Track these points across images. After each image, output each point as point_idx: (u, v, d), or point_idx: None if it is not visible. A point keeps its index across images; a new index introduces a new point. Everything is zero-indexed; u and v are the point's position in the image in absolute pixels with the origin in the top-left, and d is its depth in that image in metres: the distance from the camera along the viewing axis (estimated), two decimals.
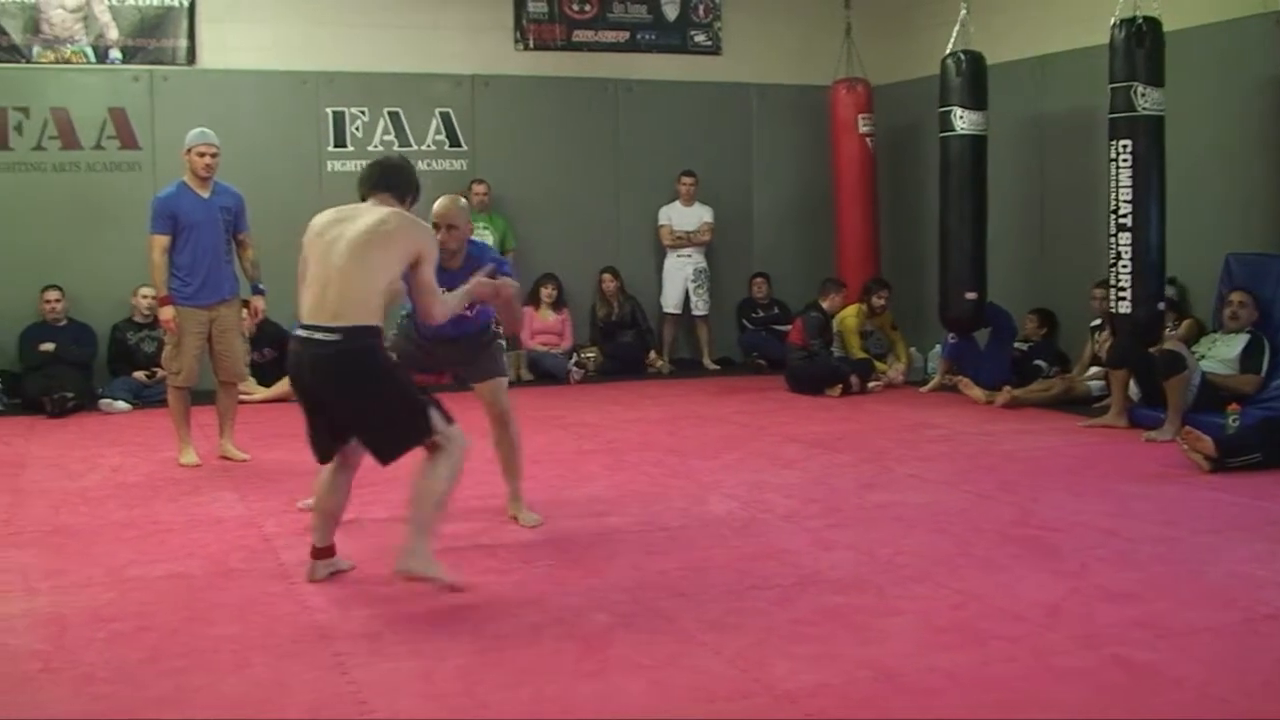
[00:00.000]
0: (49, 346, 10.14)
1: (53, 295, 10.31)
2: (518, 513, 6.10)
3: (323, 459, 5.08)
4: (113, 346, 10.55)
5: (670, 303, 12.26)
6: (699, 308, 12.24)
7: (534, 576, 5.20)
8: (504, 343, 6.24)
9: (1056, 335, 10.42)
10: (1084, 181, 10.18)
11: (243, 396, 8.83)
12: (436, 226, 5.65)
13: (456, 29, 11.81)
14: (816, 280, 11.48)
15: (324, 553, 5.18)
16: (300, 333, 4.83)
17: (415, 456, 4.96)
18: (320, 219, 4.98)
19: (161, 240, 7.52)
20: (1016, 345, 10.34)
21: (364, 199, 5.06)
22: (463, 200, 5.89)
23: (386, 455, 4.93)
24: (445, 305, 5.07)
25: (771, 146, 12.82)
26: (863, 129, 12.00)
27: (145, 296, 10.25)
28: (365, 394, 4.80)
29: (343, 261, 4.76)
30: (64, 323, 10.36)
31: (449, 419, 4.90)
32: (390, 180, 5.09)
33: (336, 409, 4.87)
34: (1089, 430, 8.61)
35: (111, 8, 10.83)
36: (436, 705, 3.80)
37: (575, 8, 12.15)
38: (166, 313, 7.58)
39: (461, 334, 5.96)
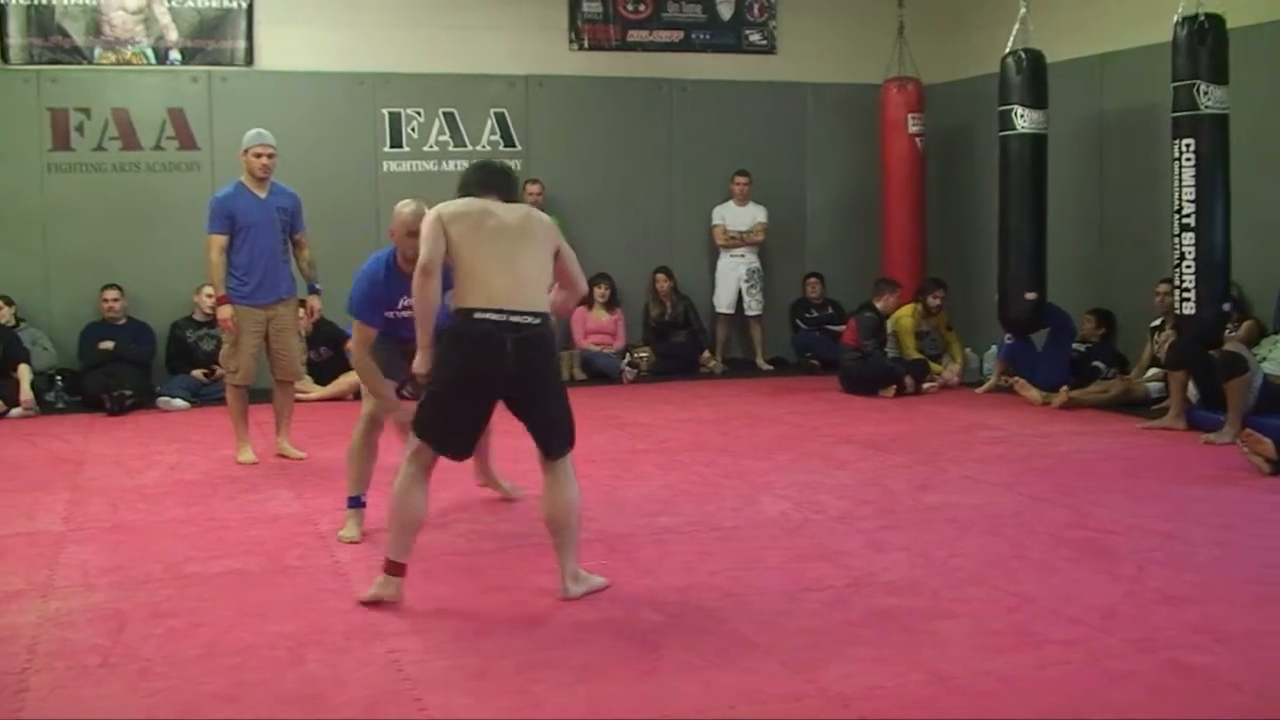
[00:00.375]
0: (108, 345, 10.26)
1: (111, 294, 10.43)
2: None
3: (466, 454, 5.00)
4: (172, 344, 10.66)
5: (723, 303, 12.23)
6: (752, 308, 12.21)
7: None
8: None
9: (1115, 336, 10.32)
10: (1145, 181, 10.09)
11: (299, 395, 8.90)
12: (401, 235, 5.66)
13: (511, 29, 11.85)
14: (870, 280, 11.42)
15: (404, 569, 4.87)
16: (492, 316, 4.75)
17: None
18: (466, 209, 4.91)
19: (219, 240, 7.59)
20: (1074, 346, 10.24)
21: (475, 194, 5.02)
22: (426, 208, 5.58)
23: (562, 446, 4.96)
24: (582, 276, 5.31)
25: (826, 146, 12.77)
26: (912, 129, 11.92)
27: (209, 295, 10.32)
28: (557, 379, 5.05)
29: (518, 252, 4.87)
30: (123, 321, 10.48)
31: None
32: (499, 182, 5.11)
33: (536, 394, 4.89)
34: (1147, 432, 8.52)
35: (171, 9, 10.94)
36: (491, 703, 3.82)
37: (630, 8, 12.16)
38: (224, 312, 7.65)
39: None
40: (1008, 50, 10.16)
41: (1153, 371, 9.52)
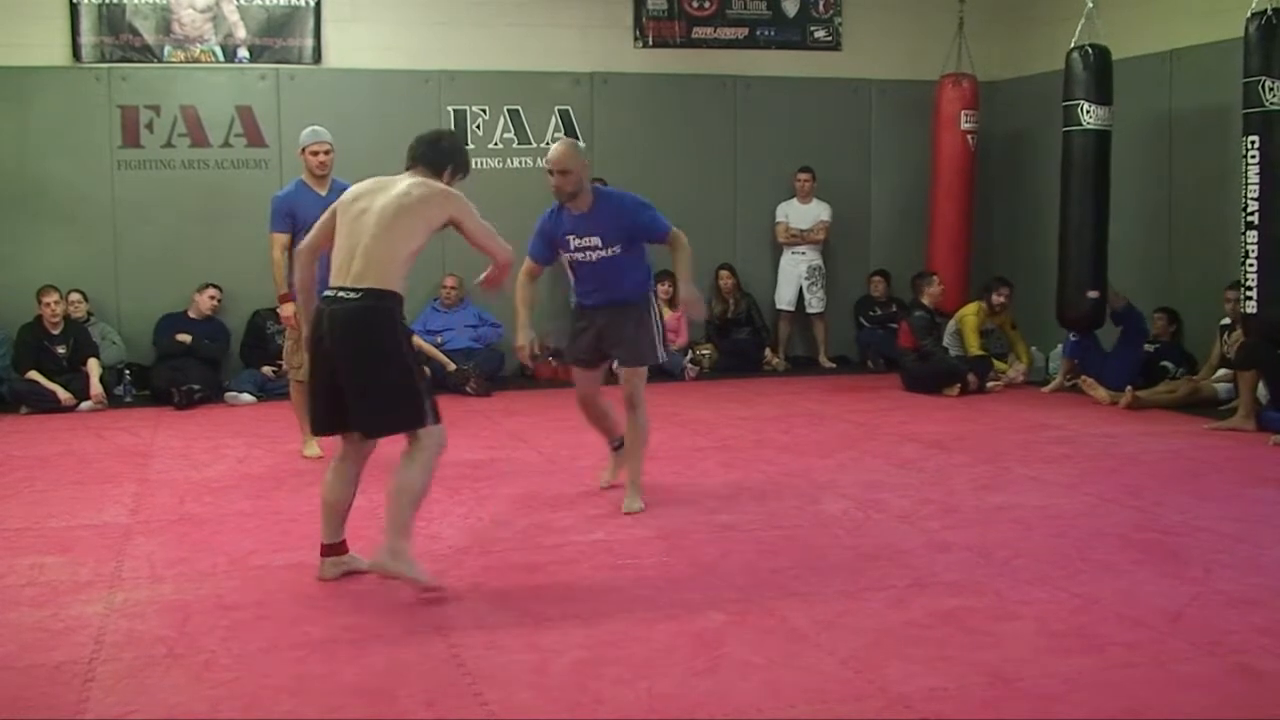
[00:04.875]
0: (185, 338, 10.39)
1: (211, 293, 10.61)
2: (627, 500, 6.28)
3: (319, 430, 5.23)
4: (250, 333, 10.78)
5: (784, 300, 12.20)
6: (813, 305, 12.17)
7: (648, 573, 5.21)
8: (661, 326, 6.51)
9: (1183, 336, 10.20)
10: (1215, 179, 9.97)
11: None
12: (550, 173, 6.15)
13: (576, 27, 11.87)
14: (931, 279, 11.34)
15: (332, 550, 5.15)
16: (326, 294, 4.93)
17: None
18: (354, 188, 5.14)
19: (281, 239, 7.64)
20: (1143, 347, 10.13)
21: (407, 169, 5.20)
22: (580, 144, 6.12)
23: (374, 429, 4.97)
24: (504, 243, 5.12)
25: (890, 143, 12.68)
26: (965, 125, 11.81)
27: None
28: (374, 357, 4.86)
29: (371, 231, 4.90)
30: (203, 318, 10.65)
31: (438, 416, 4.96)
32: (426, 154, 5.21)
33: (346, 369, 4.86)
34: (1215, 433, 8.42)
35: (240, 8, 11.04)
36: (551, 699, 3.83)
37: (695, 4, 12.14)
38: (287, 309, 7.70)
39: (616, 301, 6.30)
40: (1073, 45, 10.08)
41: (1222, 372, 9.40)
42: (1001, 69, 12.25)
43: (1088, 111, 9.96)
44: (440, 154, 5.22)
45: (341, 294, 4.85)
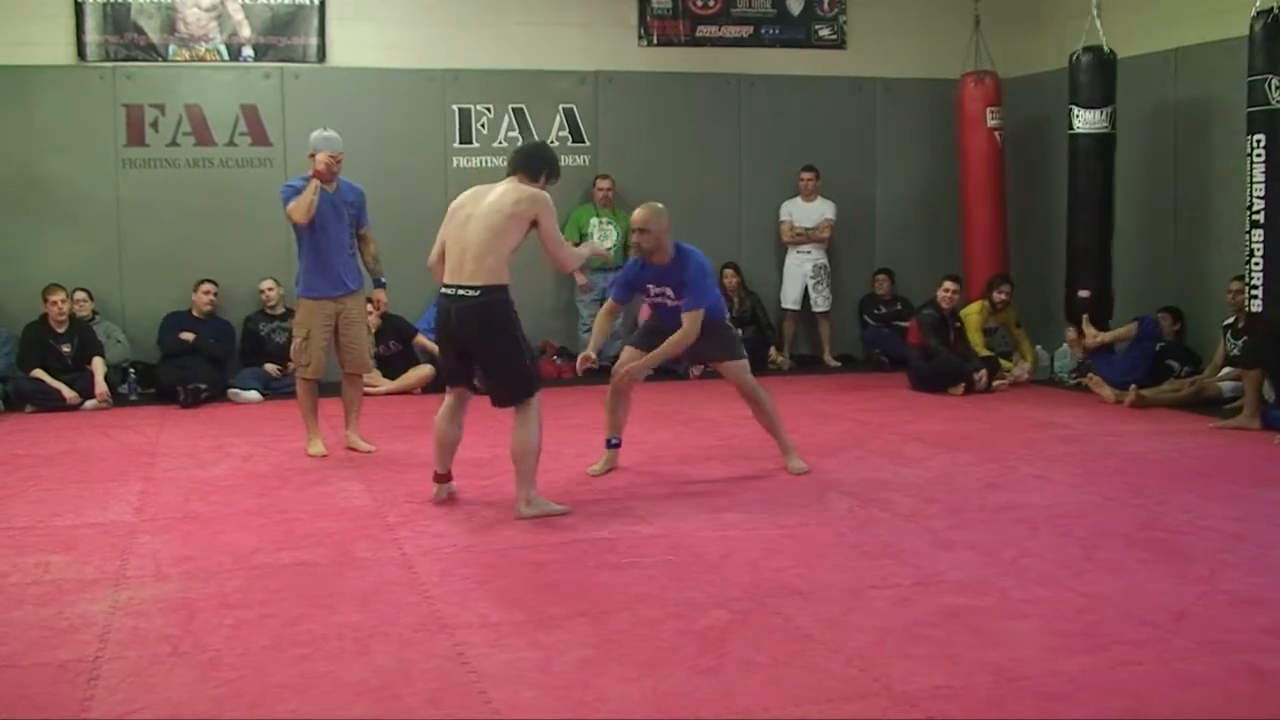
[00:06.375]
0: (188, 336, 10.38)
1: (207, 288, 10.62)
2: (788, 462, 7.27)
3: (450, 383, 6.31)
4: (245, 339, 10.79)
5: (789, 299, 12.19)
6: (819, 304, 12.15)
7: (652, 571, 5.20)
8: (738, 331, 7.74)
9: (1187, 334, 10.19)
10: (1220, 177, 9.96)
11: (368, 389, 8.94)
12: (633, 231, 7.03)
13: (580, 25, 11.86)
14: (940, 276, 11.32)
15: (444, 477, 6.39)
16: (446, 291, 6.02)
17: None
18: (458, 199, 6.19)
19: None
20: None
21: (507, 176, 6.16)
22: (658, 205, 6.95)
23: (503, 400, 6.07)
24: (571, 254, 6.42)
25: (895, 141, 12.66)
26: (991, 123, 11.79)
27: (269, 289, 10.66)
28: (498, 341, 5.97)
29: (477, 235, 5.92)
30: (206, 316, 10.65)
31: (540, 382, 6.15)
32: (524, 163, 6.16)
33: (476, 351, 6.02)
34: (1220, 432, 8.40)
35: (244, 6, 11.05)
36: (555, 698, 3.83)
37: (699, 3, 12.13)
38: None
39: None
40: (1079, 47, 10.11)
41: (1227, 370, 9.39)
42: (1013, 66, 12.21)
43: (1077, 115, 10.06)
44: (536, 163, 6.15)
45: (461, 291, 5.93)
